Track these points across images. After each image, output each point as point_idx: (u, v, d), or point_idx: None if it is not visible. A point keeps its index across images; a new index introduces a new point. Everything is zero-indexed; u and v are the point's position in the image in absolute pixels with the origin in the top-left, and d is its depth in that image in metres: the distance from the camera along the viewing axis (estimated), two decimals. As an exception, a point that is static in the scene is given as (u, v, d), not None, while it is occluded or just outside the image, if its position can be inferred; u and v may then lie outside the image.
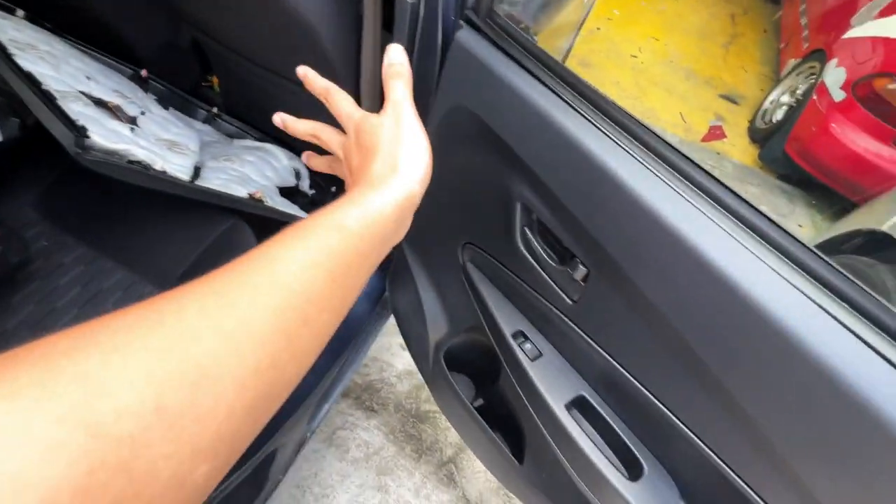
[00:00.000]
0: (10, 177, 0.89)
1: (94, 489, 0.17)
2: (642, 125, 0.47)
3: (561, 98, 0.51)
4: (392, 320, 1.30)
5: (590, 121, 0.49)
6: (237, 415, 0.23)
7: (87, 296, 0.83)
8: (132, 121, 0.96)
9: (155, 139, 0.91)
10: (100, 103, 0.95)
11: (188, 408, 0.21)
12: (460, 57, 0.58)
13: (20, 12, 1.14)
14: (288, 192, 1.28)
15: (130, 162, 0.75)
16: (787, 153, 2.61)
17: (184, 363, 0.21)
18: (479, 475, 1.39)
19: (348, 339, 1.14)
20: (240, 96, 1.31)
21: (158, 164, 0.78)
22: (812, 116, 2.48)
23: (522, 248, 0.59)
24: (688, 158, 0.44)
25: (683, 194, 0.43)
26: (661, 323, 0.46)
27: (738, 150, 2.99)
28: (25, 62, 0.84)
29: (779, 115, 2.87)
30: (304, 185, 1.38)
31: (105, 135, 0.75)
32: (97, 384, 0.19)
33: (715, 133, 3.01)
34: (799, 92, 2.77)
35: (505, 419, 0.76)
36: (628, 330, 0.51)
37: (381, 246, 0.33)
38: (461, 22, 0.59)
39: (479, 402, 0.88)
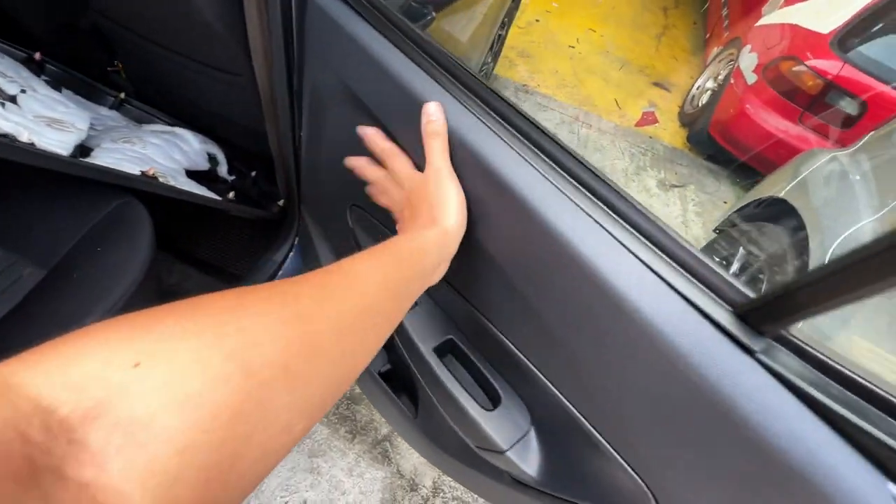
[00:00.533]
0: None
1: (243, 415, 0.22)
2: (475, 77, 0.50)
3: (408, 56, 0.53)
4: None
5: (434, 79, 0.51)
6: (329, 387, 0.29)
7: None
8: (11, 99, 0.92)
9: (33, 116, 0.88)
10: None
11: (303, 371, 0.26)
12: (318, 19, 0.59)
13: None
14: (203, 177, 1.25)
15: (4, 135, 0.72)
16: (711, 134, 2.77)
17: (304, 335, 0.26)
18: (413, 451, 1.40)
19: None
20: (147, 80, 1.28)
21: (24, 136, 0.75)
22: (730, 99, 2.65)
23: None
24: (499, 96, 0.47)
25: (507, 140, 0.46)
26: (500, 271, 0.49)
27: (668, 134, 3.15)
28: None
29: (704, 99, 3.04)
30: (223, 170, 1.36)
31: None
32: (251, 337, 0.24)
33: (648, 118, 3.16)
34: (720, 77, 2.95)
35: (404, 380, 0.78)
36: (482, 278, 0.54)
37: (423, 277, 0.43)
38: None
39: (387, 367, 0.90)
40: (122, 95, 1.34)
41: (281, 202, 1.30)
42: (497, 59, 2.65)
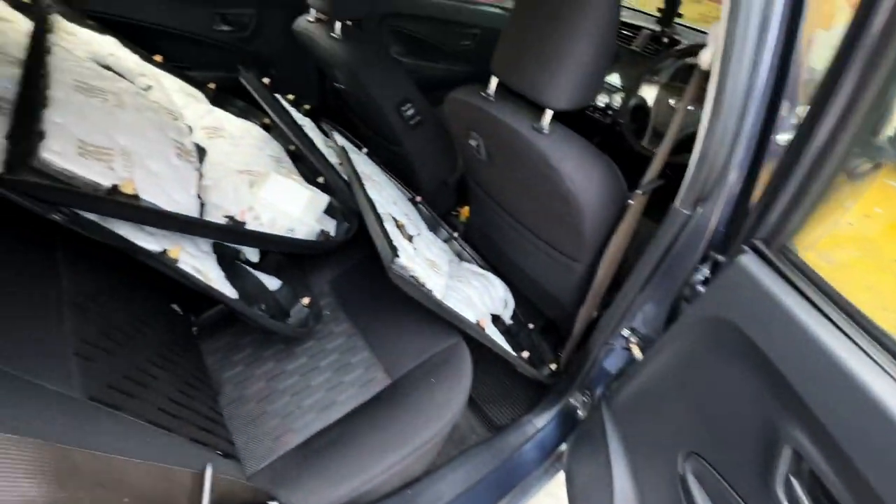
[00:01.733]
0: (324, 260, 1.23)
1: None
2: None
3: (857, 345, 0.48)
4: (557, 481, 1.23)
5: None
6: None
7: (339, 364, 1.04)
8: (410, 239, 1.25)
9: (423, 259, 1.16)
10: (395, 222, 1.28)
11: None
12: (738, 279, 0.61)
13: (364, 150, 1.67)
14: (493, 318, 1.41)
15: (412, 276, 0.97)
16: None
17: None
18: None
19: (511, 484, 1.12)
20: (481, 231, 1.57)
21: (428, 284, 0.99)
22: None
23: (783, 496, 0.53)
24: None
25: None
26: None
27: None
28: (368, 189, 1.21)
29: None
30: (507, 314, 1.51)
31: (404, 254, 1.00)
32: None
33: None
34: None
35: None
36: None
37: None
38: (744, 247, 0.63)
39: None
40: (456, 234, 1.69)
41: (554, 366, 1.35)
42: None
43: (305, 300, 1.06)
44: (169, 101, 1.08)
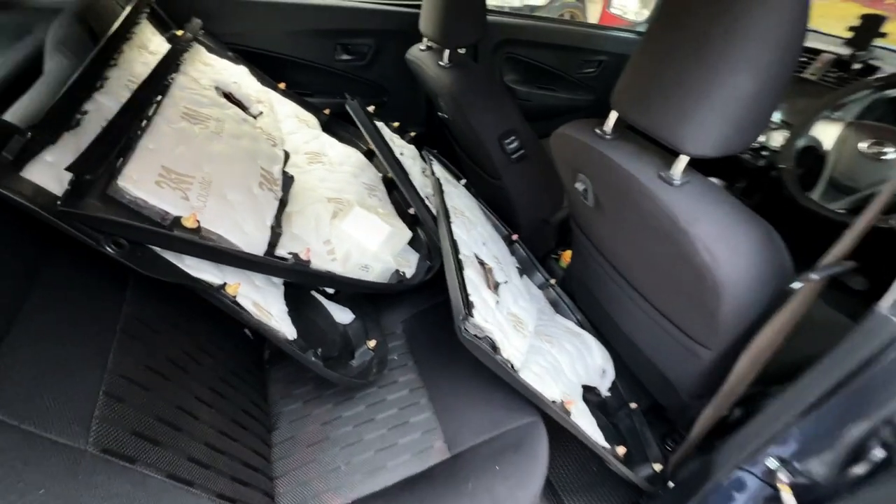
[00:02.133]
0: (399, 299, 1.15)
1: None
2: None
3: None
4: None
5: None
6: None
7: (396, 421, 0.93)
8: (496, 287, 1.10)
9: (507, 312, 1.01)
10: (482, 264, 1.16)
11: None
12: None
13: (463, 180, 1.58)
14: (585, 388, 1.18)
15: (486, 338, 0.83)
16: None
17: None
18: None
19: None
20: (582, 282, 1.36)
21: (506, 350, 0.84)
22: None
23: None
24: None
25: None
26: None
27: None
28: (455, 227, 1.11)
29: None
30: (604, 384, 1.27)
31: (480, 311, 0.86)
32: None
33: None
34: None
35: None
36: None
37: None
38: None
39: None
40: (553, 281, 1.49)
41: (658, 467, 1.08)
42: None
43: (371, 343, 0.98)
44: (276, 127, 1.11)
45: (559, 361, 1.10)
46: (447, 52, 1.21)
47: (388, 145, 1.20)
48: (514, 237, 1.51)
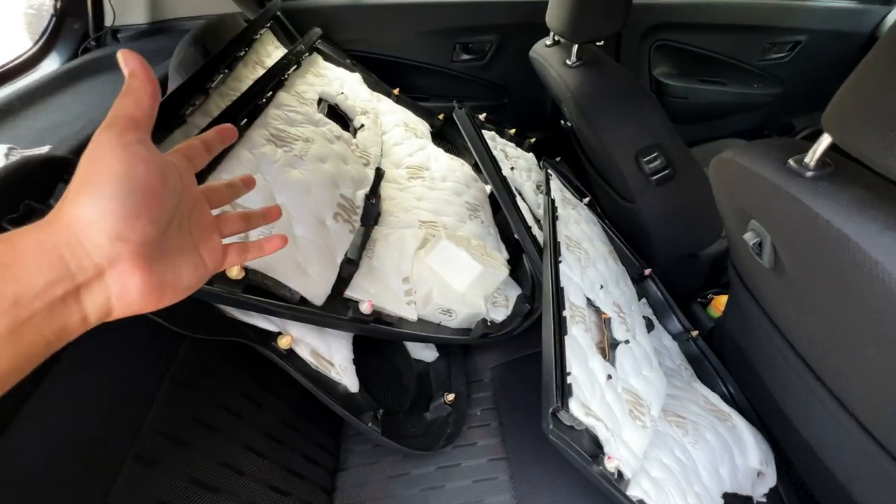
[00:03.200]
0: (494, 346, 0.99)
1: None
2: None
3: None
4: None
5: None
6: None
7: (468, 497, 0.79)
8: (614, 347, 0.87)
9: (622, 388, 0.78)
10: (598, 315, 0.93)
11: None
12: None
13: (587, 198, 1.33)
14: (731, 498, 0.88)
15: (574, 430, 0.62)
16: None
17: None
18: None
19: None
20: (738, 346, 1.02)
21: (611, 447, 0.62)
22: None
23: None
24: None
25: None
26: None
27: None
28: (565, 266, 0.90)
29: None
30: (759, 491, 0.93)
31: (583, 391, 0.66)
32: None
33: None
34: None
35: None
36: None
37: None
38: None
39: None
40: (696, 334, 1.17)
41: None
42: None
43: (450, 396, 0.85)
44: (376, 141, 1.04)
45: (694, 460, 0.82)
46: (576, 47, 0.99)
47: (494, 160, 1.03)
48: (648, 272, 1.22)
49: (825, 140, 0.50)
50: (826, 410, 0.68)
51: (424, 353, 0.96)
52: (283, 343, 0.60)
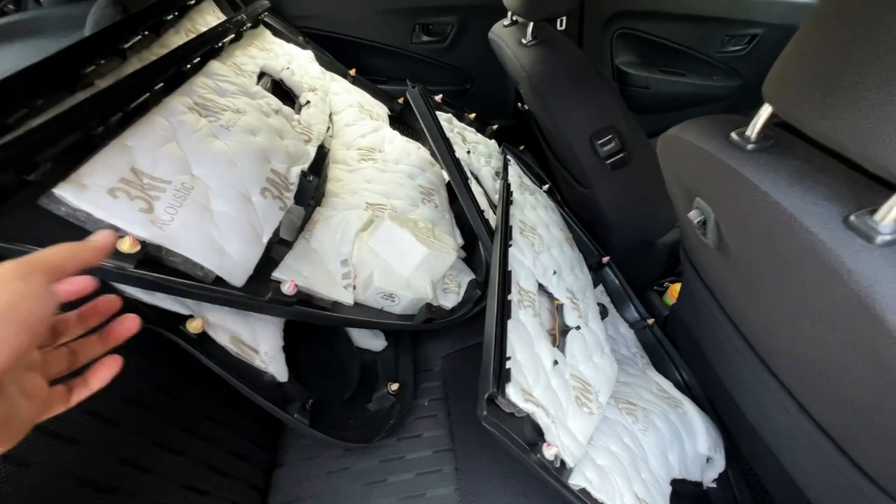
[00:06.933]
0: (445, 334, 0.95)
1: None
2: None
3: None
4: None
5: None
6: None
7: (411, 490, 0.75)
8: (564, 333, 0.84)
9: (569, 375, 0.75)
10: (549, 300, 0.90)
11: None
12: None
13: (545, 185, 1.31)
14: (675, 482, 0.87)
15: (514, 416, 0.59)
16: None
17: None
18: None
19: None
20: (688, 330, 1.02)
21: (552, 434, 0.59)
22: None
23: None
24: None
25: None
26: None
27: None
28: (515, 249, 0.87)
29: None
30: (709, 476, 0.93)
31: (525, 376, 0.63)
32: None
33: None
34: None
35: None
36: None
37: None
38: None
39: None
40: (652, 322, 1.16)
41: None
42: None
43: (394, 386, 0.80)
44: (322, 119, 0.98)
45: (643, 447, 0.80)
46: (531, 25, 0.96)
47: (447, 140, 0.99)
48: (605, 259, 1.20)
49: (766, 111, 0.48)
50: (769, 391, 0.67)
51: (371, 342, 0.92)
52: (193, 327, 0.55)
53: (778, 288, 0.53)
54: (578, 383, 0.76)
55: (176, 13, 0.87)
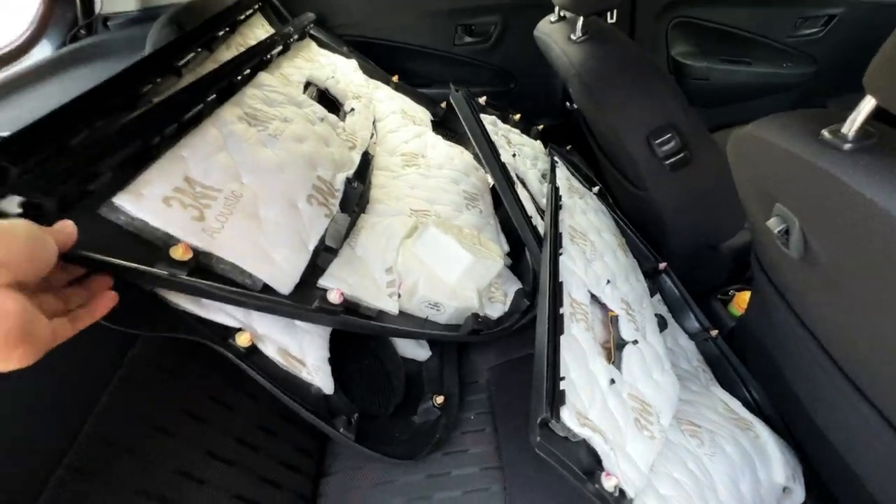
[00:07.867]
0: (491, 345, 0.91)
1: None
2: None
3: None
4: None
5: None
6: None
7: (456, 507, 0.72)
8: (620, 347, 0.79)
9: (627, 394, 0.70)
10: (603, 307, 0.85)
11: None
12: None
13: (596, 187, 1.24)
14: (753, 513, 0.79)
15: (568, 440, 0.55)
16: None
17: None
18: None
19: None
20: (763, 346, 0.92)
21: (611, 462, 0.55)
22: None
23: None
24: None
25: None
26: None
27: None
28: (566, 258, 0.82)
29: None
30: (788, 508, 0.83)
31: (580, 397, 0.58)
32: None
33: None
34: None
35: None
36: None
37: None
38: None
39: None
40: (715, 333, 1.07)
41: None
42: None
43: (439, 399, 0.78)
44: (367, 126, 0.97)
45: (710, 474, 0.73)
46: (580, 20, 0.91)
47: (492, 144, 0.96)
48: (662, 266, 1.12)
49: (868, 104, 0.42)
50: (859, 415, 0.59)
51: (416, 351, 0.90)
52: (241, 340, 0.55)
53: (881, 307, 0.46)
54: (637, 403, 0.70)
55: (227, 29, 0.90)
